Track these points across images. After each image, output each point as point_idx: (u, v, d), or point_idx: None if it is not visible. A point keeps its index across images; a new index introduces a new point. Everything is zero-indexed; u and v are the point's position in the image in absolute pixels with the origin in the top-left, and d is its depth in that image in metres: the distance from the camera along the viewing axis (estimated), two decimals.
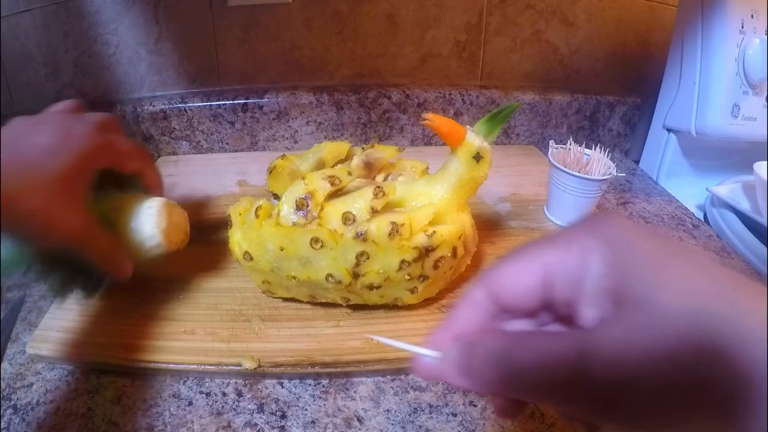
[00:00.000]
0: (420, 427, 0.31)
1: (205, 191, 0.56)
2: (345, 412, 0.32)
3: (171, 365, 0.34)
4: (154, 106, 0.64)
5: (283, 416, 0.32)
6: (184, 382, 0.34)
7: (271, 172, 0.44)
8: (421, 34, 0.67)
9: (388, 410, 0.32)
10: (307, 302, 0.39)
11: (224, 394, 0.33)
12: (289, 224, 0.34)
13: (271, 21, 0.64)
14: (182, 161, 0.65)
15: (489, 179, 0.37)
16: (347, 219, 0.33)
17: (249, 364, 0.33)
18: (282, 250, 0.33)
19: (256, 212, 0.35)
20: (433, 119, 0.37)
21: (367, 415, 0.32)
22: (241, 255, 0.35)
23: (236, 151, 0.68)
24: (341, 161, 0.45)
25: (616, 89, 0.73)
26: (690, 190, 0.64)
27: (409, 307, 0.38)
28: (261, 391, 0.33)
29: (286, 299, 0.39)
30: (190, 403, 0.33)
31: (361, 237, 0.32)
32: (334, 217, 0.34)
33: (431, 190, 0.37)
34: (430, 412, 0.32)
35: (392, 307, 0.38)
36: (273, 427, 0.31)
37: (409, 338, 0.21)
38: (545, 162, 0.52)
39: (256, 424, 0.31)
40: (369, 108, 0.67)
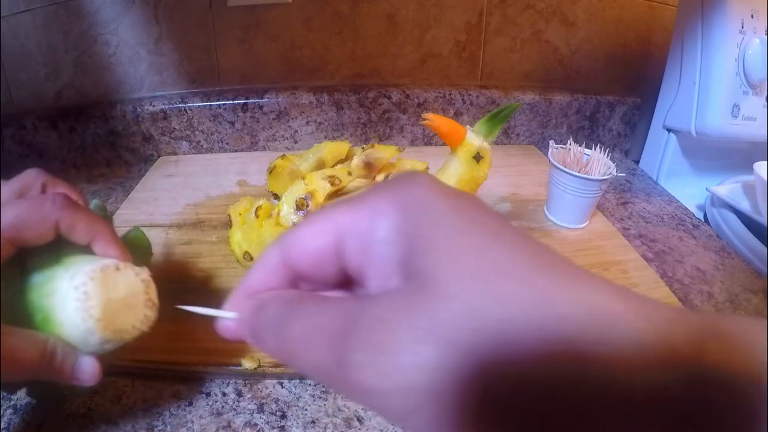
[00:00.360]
0: None
1: (205, 191, 0.56)
2: (345, 412, 0.32)
3: (171, 365, 0.34)
4: (154, 106, 0.64)
5: (283, 416, 0.32)
6: (184, 382, 0.34)
7: (271, 172, 0.44)
8: (421, 34, 0.67)
9: None
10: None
11: (224, 394, 0.33)
12: (289, 224, 0.34)
13: (271, 21, 0.64)
14: (182, 161, 0.65)
15: (489, 179, 0.37)
16: None
17: (249, 364, 0.33)
18: None
19: (256, 212, 0.35)
20: (433, 119, 0.37)
21: (367, 415, 0.32)
22: (241, 255, 0.35)
23: (236, 151, 0.68)
24: (341, 161, 0.45)
25: (616, 89, 0.73)
26: (690, 190, 0.64)
27: None
28: (261, 391, 0.33)
29: None
30: (190, 403, 0.33)
31: None
32: None
33: None
34: None
35: None
36: (273, 427, 0.31)
37: None
38: (545, 162, 0.52)
39: (256, 424, 0.31)
40: (369, 108, 0.67)
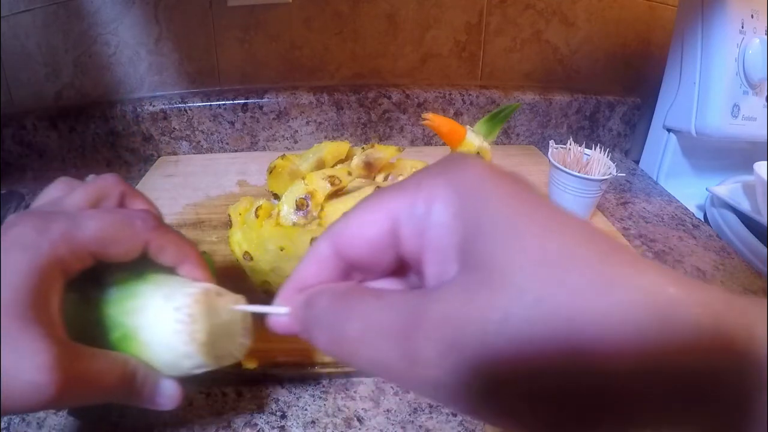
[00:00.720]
0: (420, 427, 0.31)
1: (205, 191, 0.56)
2: (345, 412, 0.32)
3: None
4: (154, 106, 0.64)
5: (283, 416, 0.32)
6: (184, 381, 0.34)
7: (271, 172, 0.44)
8: (421, 34, 0.67)
9: (388, 410, 0.32)
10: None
11: (224, 394, 0.33)
12: (289, 224, 0.34)
13: (271, 21, 0.64)
14: (182, 161, 0.65)
15: None
16: None
17: (249, 364, 0.33)
18: (282, 250, 0.33)
19: (256, 212, 0.35)
20: (433, 119, 0.37)
21: (367, 415, 0.32)
22: (241, 255, 0.35)
23: (236, 151, 0.68)
24: (341, 161, 0.45)
25: (616, 89, 0.73)
26: (690, 190, 0.64)
27: None
28: (261, 391, 0.33)
29: None
30: (190, 403, 0.33)
31: None
32: (334, 217, 0.34)
33: None
34: (430, 412, 0.32)
35: None
36: (273, 427, 0.31)
37: None
38: (545, 162, 0.52)
39: (256, 424, 0.31)
40: (369, 108, 0.67)
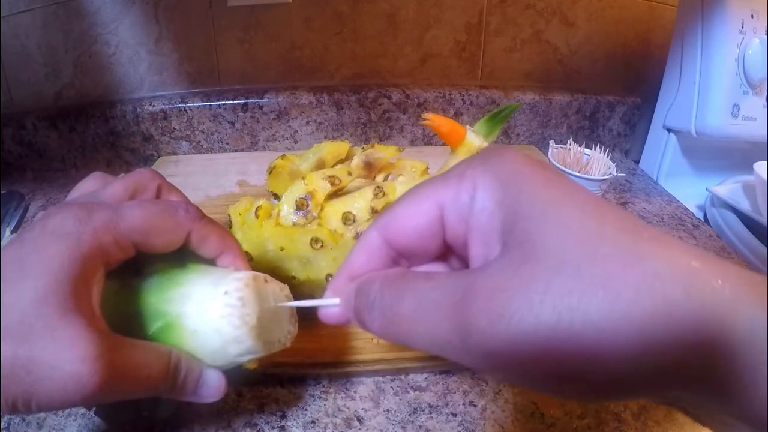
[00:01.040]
0: (420, 427, 0.31)
1: (205, 191, 0.56)
2: (345, 412, 0.32)
3: None
4: (154, 106, 0.64)
5: (283, 416, 0.32)
6: None
7: (271, 172, 0.44)
8: (421, 34, 0.67)
9: (388, 410, 0.32)
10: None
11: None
12: (289, 224, 0.34)
13: (271, 21, 0.64)
14: (182, 161, 0.65)
15: None
16: (347, 219, 0.33)
17: (249, 364, 0.33)
18: (282, 250, 0.33)
19: (256, 212, 0.35)
20: (433, 119, 0.37)
21: (367, 415, 0.32)
22: None
23: (236, 151, 0.68)
24: (341, 161, 0.45)
25: (616, 89, 0.73)
26: (690, 190, 0.64)
27: None
28: (261, 391, 0.33)
29: None
30: (189, 403, 0.32)
31: None
32: (334, 217, 0.34)
33: None
34: (430, 412, 0.32)
35: None
36: (273, 427, 0.31)
37: None
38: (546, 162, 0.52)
39: (256, 424, 0.31)
40: (369, 108, 0.67)
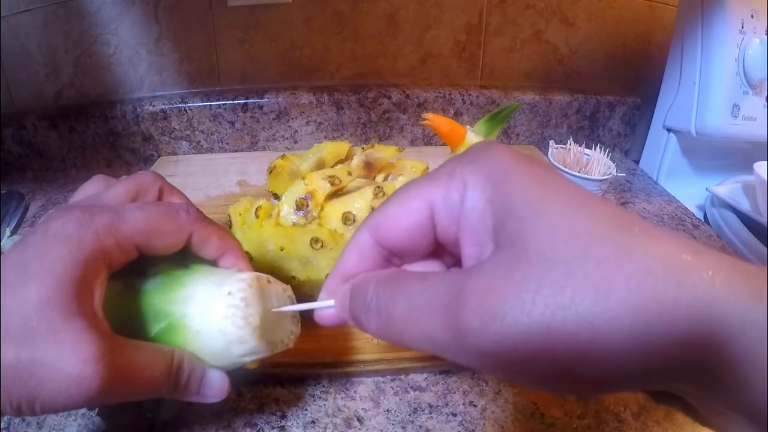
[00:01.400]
0: (420, 427, 0.31)
1: (205, 191, 0.56)
2: (345, 412, 0.32)
3: None
4: (154, 106, 0.64)
5: (283, 416, 0.32)
6: None
7: (271, 172, 0.44)
8: (421, 34, 0.67)
9: (388, 410, 0.32)
10: (308, 302, 0.39)
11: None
12: (289, 224, 0.34)
13: (271, 21, 0.64)
14: (182, 161, 0.65)
15: None
16: (347, 219, 0.33)
17: (249, 365, 0.33)
18: (282, 250, 0.33)
19: (256, 212, 0.35)
20: (433, 119, 0.37)
21: (367, 415, 0.32)
22: None
23: (236, 151, 0.68)
24: (341, 161, 0.45)
25: (616, 89, 0.73)
26: (690, 190, 0.64)
27: None
28: (261, 391, 0.33)
29: None
30: (190, 404, 0.32)
31: None
32: (334, 217, 0.34)
33: None
34: (430, 412, 0.32)
35: None
36: (273, 427, 0.31)
37: None
38: (546, 160, 0.53)
39: (256, 424, 0.31)
40: (369, 108, 0.67)
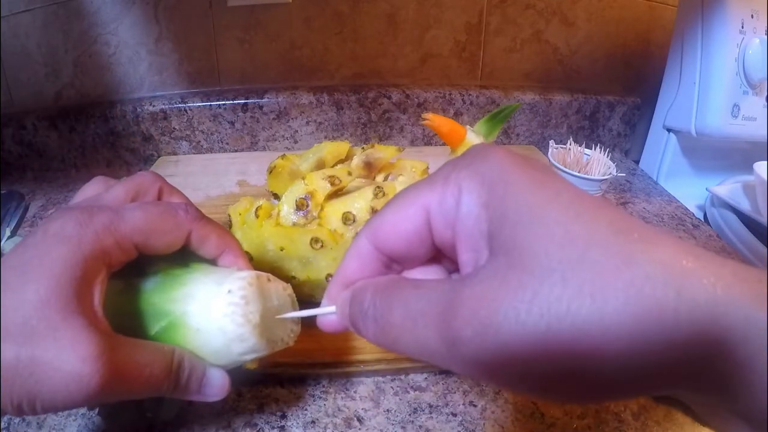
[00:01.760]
0: (420, 427, 0.31)
1: (205, 191, 0.56)
2: (345, 412, 0.32)
3: None
4: (154, 106, 0.64)
5: (283, 416, 0.32)
6: None
7: (271, 172, 0.44)
8: (421, 34, 0.67)
9: (388, 410, 0.32)
10: (307, 302, 0.39)
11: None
12: (289, 224, 0.34)
13: (271, 21, 0.64)
14: (182, 161, 0.65)
15: None
16: (347, 219, 0.33)
17: (249, 365, 0.33)
18: (282, 250, 0.33)
19: (256, 212, 0.35)
20: (433, 119, 0.37)
21: (367, 415, 0.32)
22: None
23: (236, 151, 0.68)
24: (341, 161, 0.45)
25: (616, 89, 0.73)
26: (690, 190, 0.64)
27: None
28: (261, 391, 0.33)
29: None
30: (190, 403, 0.33)
31: None
32: (334, 217, 0.34)
33: None
34: (430, 412, 0.32)
35: None
36: (273, 427, 0.31)
37: None
38: (545, 162, 0.52)
39: (256, 424, 0.31)
40: (369, 108, 0.67)
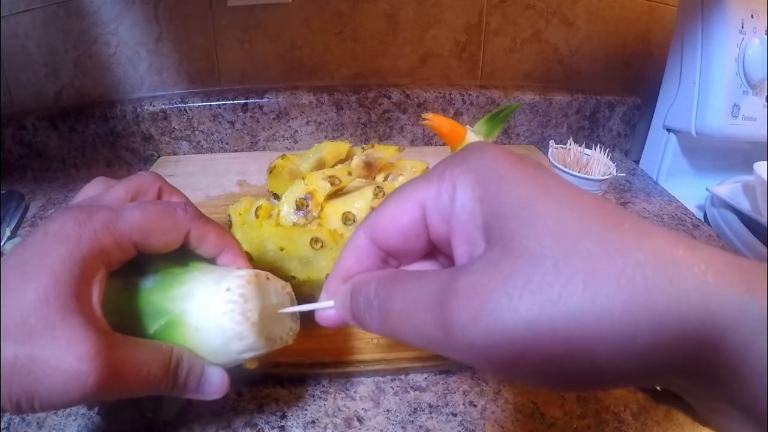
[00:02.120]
0: (420, 427, 0.31)
1: (205, 191, 0.56)
2: (345, 412, 0.32)
3: None
4: (154, 106, 0.64)
5: (283, 416, 0.32)
6: None
7: (271, 172, 0.44)
8: (421, 34, 0.67)
9: (388, 410, 0.32)
10: (307, 302, 0.39)
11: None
12: (289, 224, 0.34)
13: (271, 21, 0.64)
14: (182, 161, 0.65)
15: None
16: (347, 219, 0.33)
17: (249, 364, 0.33)
18: (282, 250, 0.33)
19: (256, 212, 0.35)
20: (433, 119, 0.37)
21: (367, 415, 0.32)
22: None
23: (236, 151, 0.68)
24: (341, 161, 0.45)
25: (616, 89, 0.73)
26: (690, 190, 0.64)
27: None
28: (261, 391, 0.33)
29: None
30: (190, 403, 0.33)
31: None
32: (334, 217, 0.34)
33: None
34: (430, 412, 0.32)
35: None
36: (273, 427, 0.31)
37: None
38: (545, 162, 0.52)
39: (256, 424, 0.31)
40: (369, 108, 0.67)
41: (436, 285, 0.15)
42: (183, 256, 0.25)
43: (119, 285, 0.24)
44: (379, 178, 0.42)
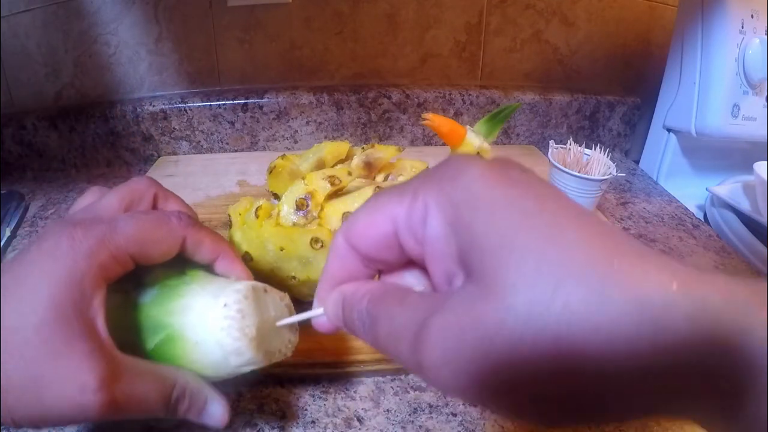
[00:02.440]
0: (420, 427, 0.31)
1: (205, 191, 0.56)
2: (345, 412, 0.32)
3: None
4: (154, 106, 0.64)
5: (283, 416, 0.32)
6: None
7: (271, 172, 0.44)
8: (421, 34, 0.67)
9: (388, 410, 0.32)
10: (308, 302, 0.39)
11: (224, 394, 0.33)
12: (289, 224, 0.34)
13: (271, 21, 0.64)
14: (182, 161, 0.65)
15: None
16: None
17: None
18: (282, 250, 0.33)
19: (256, 212, 0.35)
20: (433, 119, 0.37)
21: (367, 415, 0.32)
22: (240, 255, 0.35)
23: (236, 151, 0.68)
24: (341, 161, 0.45)
25: (616, 89, 0.73)
26: (690, 190, 0.64)
27: None
28: (261, 391, 0.33)
29: None
30: None
31: None
32: (334, 217, 0.34)
33: None
34: (430, 412, 0.32)
35: None
36: (273, 427, 0.31)
37: None
38: (545, 162, 0.52)
39: (256, 424, 0.31)
40: (369, 108, 0.67)
41: (415, 315, 0.14)
42: (180, 264, 0.25)
43: (118, 299, 0.23)
44: (379, 178, 0.42)
